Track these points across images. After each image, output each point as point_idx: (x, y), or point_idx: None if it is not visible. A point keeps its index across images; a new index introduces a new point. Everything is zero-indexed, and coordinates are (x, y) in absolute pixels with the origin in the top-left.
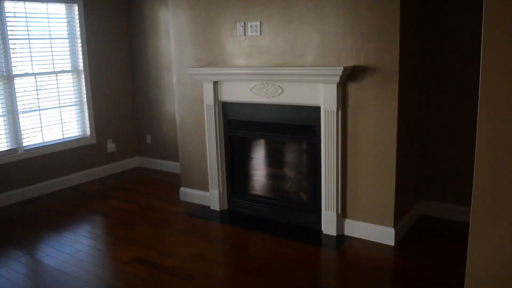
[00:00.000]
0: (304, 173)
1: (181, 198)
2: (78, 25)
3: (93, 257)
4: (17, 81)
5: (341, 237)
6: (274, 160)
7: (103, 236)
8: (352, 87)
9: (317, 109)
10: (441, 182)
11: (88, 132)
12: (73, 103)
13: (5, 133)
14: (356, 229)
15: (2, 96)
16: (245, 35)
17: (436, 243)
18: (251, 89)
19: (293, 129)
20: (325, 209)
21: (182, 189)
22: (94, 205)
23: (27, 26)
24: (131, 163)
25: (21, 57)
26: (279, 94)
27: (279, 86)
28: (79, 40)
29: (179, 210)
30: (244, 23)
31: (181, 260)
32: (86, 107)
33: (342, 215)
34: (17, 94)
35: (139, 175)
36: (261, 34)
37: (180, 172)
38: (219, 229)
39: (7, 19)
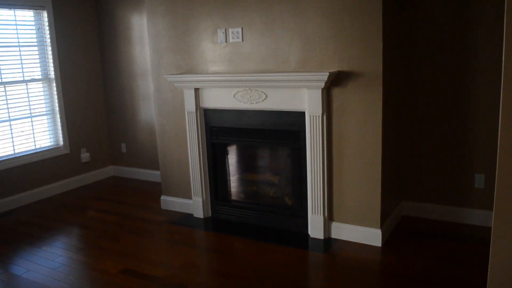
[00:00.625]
0: (289, 178)
1: (162, 206)
2: (48, 32)
3: (78, 271)
4: None
5: (328, 240)
6: (258, 166)
7: (86, 248)
8: (336, 92)
9: (301, 114)
10: (420, 183)
11: (61, 142)
12: (45, 113)
13: None
14: (343, 231)
15: None
16: (226, 41)
17: (420, 241)
18: (233, 95)
19: (277, 135)
20: (312, 213)
21: (163, 197)
22: (72, 217)
23: None
24: (106, 172)
25: None
26: (262, 100)
27: (262, 92)
28: (49, 48)
29: (161, 219)
30: (225, 29)
31: (171, 269)
32: (58, 116)
33: (329, 218)
34: None
35: (115, 184)
36: (242, 40)
37: (161, 180)
38: (205, 237)
39: None
